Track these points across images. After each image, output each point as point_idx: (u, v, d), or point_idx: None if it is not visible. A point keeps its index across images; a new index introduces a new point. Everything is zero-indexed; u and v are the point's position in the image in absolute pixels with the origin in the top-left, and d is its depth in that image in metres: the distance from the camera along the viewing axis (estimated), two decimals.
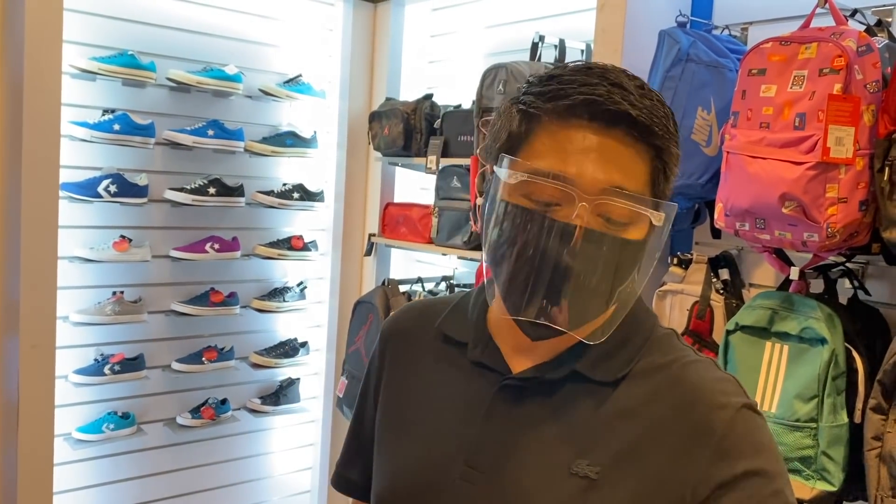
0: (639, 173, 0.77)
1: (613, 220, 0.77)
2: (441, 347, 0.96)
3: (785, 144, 1.43)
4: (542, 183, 0.77)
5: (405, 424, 0.94)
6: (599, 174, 0.76)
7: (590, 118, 0.76)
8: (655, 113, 0.77)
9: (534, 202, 0.78)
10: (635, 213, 0.77)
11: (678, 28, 1.80)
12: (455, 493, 0.84)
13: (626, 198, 0.76)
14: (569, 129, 0.77)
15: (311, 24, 3.07)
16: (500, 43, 2.76)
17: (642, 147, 0.77)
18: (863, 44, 1.41)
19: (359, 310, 2.77)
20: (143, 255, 2.69)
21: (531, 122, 0.80)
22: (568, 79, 0.78)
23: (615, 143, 0.76)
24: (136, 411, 2.79)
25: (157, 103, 2.74)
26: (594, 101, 0.75)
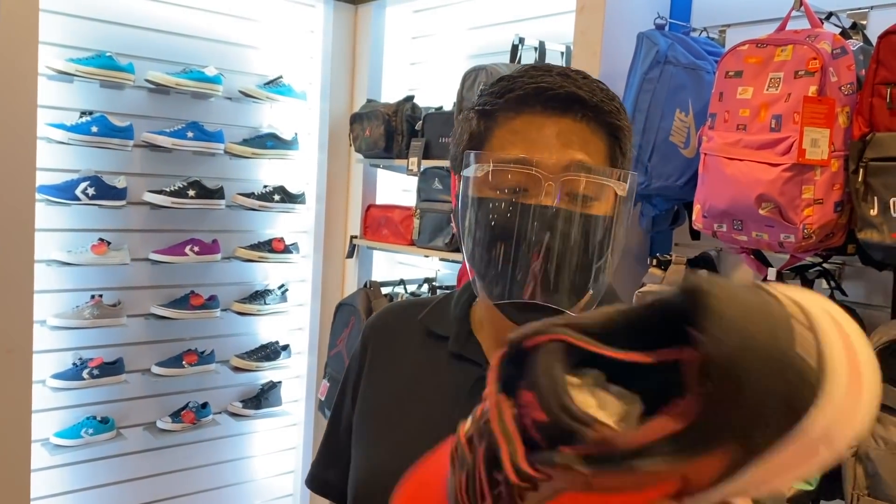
0: (597, 150, 0.82)
1: (581, 197, 0.80)
2: (422, 342, 0.97)
3: (761, 146, 1.44)
4: (508, 170, 0.80)
5: (383, 417, 0.95)
6: (561, 154, 0.80)
7: (542, 107, 0.81)
8: (602, 93, 0.82)
9: (503, 192, 0.81)
10: (601, 187, 0.81)
11: (656, 30, 1.81)
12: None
13: (589, 171, 0.80)
14: (525, 120, 0.82)
15: (291, 26, 3.05)
16: (481, 45, 2.76)
17: (596, 126, 0.82)
18: (837, 46, 1.43)
19: (340, 312, 2.76)
20: (122, 258, 2.67)
21: (488, 119, 0.84)
22: (517, 75, 0.83)
23: (571, 125, 0.81)
24: (116, 416, 2.77)
25: (135, 105, 2.72)
26: (542, 89, 0.80)
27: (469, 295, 0.97)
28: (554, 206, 0.79)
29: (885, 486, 1.34)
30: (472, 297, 0.96)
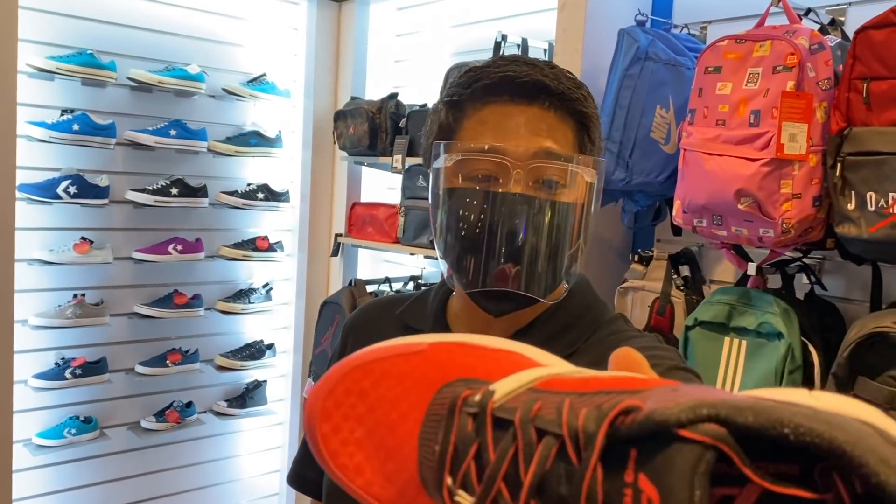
0: (565, 138, 0.82)
1: (550, 184, 0.81)
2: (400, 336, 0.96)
3: (740, 141, 1.45)
4: (477, 159, 0.81)
5: None
6: (529, 142, 0.80)
7: (510, 96, 0.81)
8: (568, 81, 0.83)
9: (472, 181, 0.82)
10: (570, 174, 0.81)
11: (637, 27, 1.81)
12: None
13: (557, 158, 0.80)
14: (492, 109, 0.82)
15: (275, 23, 3.04)
16: (465, 42, 2.76)
17: (564, 114, 0.82)
18: (815, 42, 1.43)
19: (325, 311, 2.75)
20: (105, 256, 2.65)
21: (457, 111, 0.85)
22: (484, 66, 0.84)
23: (538, 113, 0.82)
24: (99, 416, 2.75)
25: (117, 103, 2.70)
26: (509, 77, 0.81)
27: (447, 289, 0.97)
28: (522, 193, 0.79)
29: None
30: (450, 291, 0.96)
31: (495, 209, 0.80)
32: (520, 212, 0.79)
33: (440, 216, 0.85)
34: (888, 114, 1.33)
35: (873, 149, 1.33)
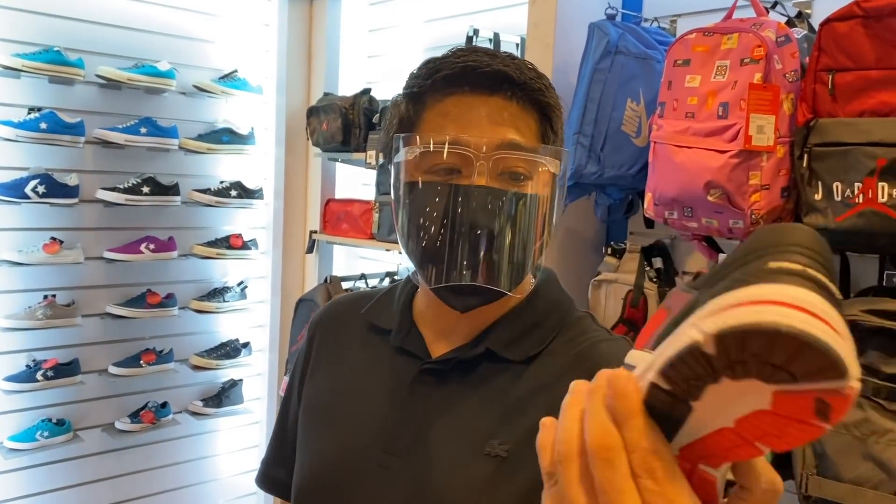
0: (528, 129, 0.82)
1: (514, 176, 0.80)
2: (366, 336, 0.96)
3: (709, 133, 1.46)
4: (439, 151, 0.79)
5: (327, 414, 0.94)
6: (491, 133, 0.79)
7: (471, 87, 0.80)
8: (530, 71, 0.82)
9: (435, 174, 0.80)
10: (533, 165, 0.80)
11: (607, 20, 1.82)
12: (373, 480, 0.84)
13: (521, 149, 0.79)
14: (454, 100, 0.81)
15: (246, 19, 3.02)
16: (438, 37, 2.75)
17: (526, 104, 0.82)
18: (782, 34, 1.45)
19: (301, 308, 2.74)
20: (76, 256, 2.62)
21: (417, 102, 0.84)
22: (443, 57, 0.83)
23: (500, 104, 0.80)
24: (72, 418, 2.72)
25: (86, 101, 2.67)
26: (470, 68, 0.80)
27: (412, 285, 0.96)
28: (487, 185, 0.78)
29: (833, 465, 1.37)
30: (415, 287, 0.96)
31: (459, 202, 0.78)
32: (484, 204, 0.78)
33: (402, 211, 0.83)
34: (853, 105, 1.35)
35: (839, 139, 1.35)
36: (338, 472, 0.88)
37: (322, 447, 0.92)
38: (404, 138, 0.82)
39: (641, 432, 0.37)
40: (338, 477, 0.87)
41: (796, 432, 0.36)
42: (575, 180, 1.78)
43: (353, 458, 0.87)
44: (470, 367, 0.85)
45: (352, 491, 0.86)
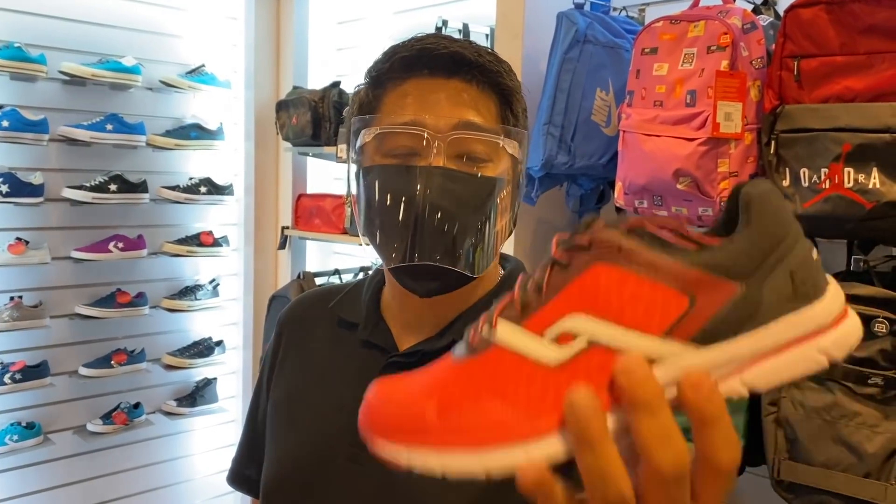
0: (487, 111, 0.81)
1: (472, 157, 0.79)
2: (334, 330, 0.95)
3: (677, 121, 1.46)
4: (397, 133, 0.79)
5: (294, 409, 0.93)
6: (449, 114, 0.79)
7: (429, 70, 0.80)
8: (488, 55, 0.82)
9: (394, 157, 0.80)
10: (492, 147, 0.80)
11: (576, 10, 1.81)
12: (341, 475, 0.84)
13: (477, 129, 0.79)
14: (413, 84, 0.81)
15: (212, 13, 2.97)
16: (407, 28, 2.73)
17: (485, 87, 0.81)
18: (748, 21, 1.45)
19: (274, 305, 2.71)
20: (42, 257, 2.57)
21: (377, 87, 0.83)
22: (403, 42, 0.83)
23: (459, 86, 0.80)
24: (42, 420, 2.67)
25: (49, 98, 2.62)
26: (428, 50, 0.80)
27: (380, 278, 0.95)
28: (441, 165, 0.78)
29: (804, 450, 1.38)
30: (383, 280, 0.95)
31: (415, 184, 0.77)
32: (440, 185, 0.77)
33: (361, 196, 0.83)
34: (819, 91, 1.35)
35: (805, 126, 1.35)
36: (305, 467, 0.87)
37: (289, 442, 0.91)
38: (362, 121, 0.81)
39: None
40: (306, 472, 0.87)
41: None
42: (546, 171, 1.77)
43: (321, 452, 0.86)
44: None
45: (320, 485, 0.85)
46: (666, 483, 0.38)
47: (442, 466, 0.40)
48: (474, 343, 0.43)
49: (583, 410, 0.37)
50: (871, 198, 1.28)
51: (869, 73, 1.28)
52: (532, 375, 0.40)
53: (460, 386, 0.42)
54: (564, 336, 0.40)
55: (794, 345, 0.39)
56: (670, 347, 0.39)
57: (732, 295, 0.39)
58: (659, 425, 0.37)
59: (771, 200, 0.40)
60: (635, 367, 0.38)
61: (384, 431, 0.42)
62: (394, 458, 0.42)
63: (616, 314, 0.39)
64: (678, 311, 0.39)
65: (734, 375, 0.39)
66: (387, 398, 0.43)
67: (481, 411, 0.40)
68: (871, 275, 1.41)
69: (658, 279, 0.39)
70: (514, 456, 0.39)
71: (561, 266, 0.41)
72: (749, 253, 0.39)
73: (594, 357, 0.39)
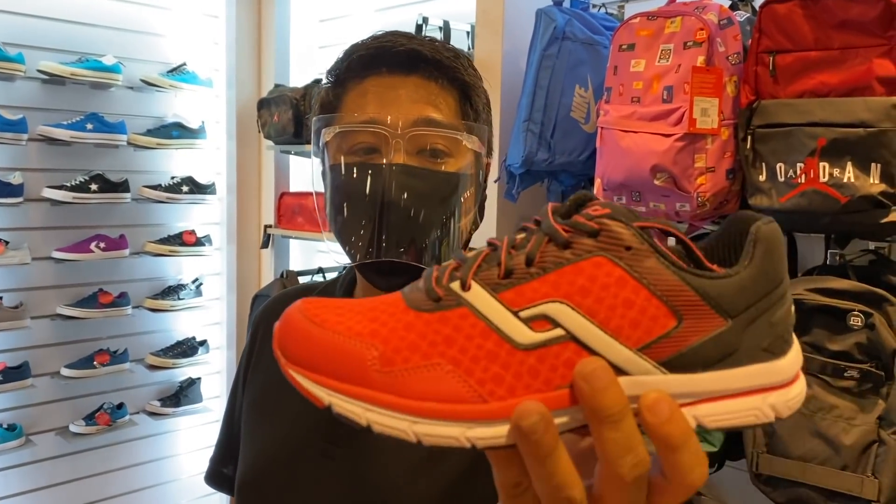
0: (447, 107, 0.82)
1: (433, 153, 0.80)
2: None
3: (654, 118, 1.46)
4: (357, 131, 0.80)
5: (267, 407, 0.93)
6: (408, 111, 0.79)
7: (388, 68, 0.81)
8: (448, 51, 0.83)
9: (355, 155, 0.80)
10: (452, 143, 0.80)
11: (555, 6, 1.81)
12: (314, 470, 0.84)
13: (435, 125, 0.79)
14: (373, 82, 0.82)
15: (193, 11, 2.96)
16: (389, 25, 2.69)
17: (445, 83, 0.82)
18: (724, 17, 1.46)
19: (257, 304, 2.70)
20: (22, 257, 2.55)
21: (337, 87, 0.84)
22: (362, 41, 0.84)
23: (418, 82, 0.81)
24: (24, 422, 2.65)
25: (28, 97, 2.59)
26: (386, 48, 0.81)
27: (352, 276, 0.95)
28: (402, 163, 0.78)
29: (782, 443, 1.39)
30: (355, 278, 0.95)
31: (375, 181, 0.78)
32: (400, 182, 0.77)
33: (328, 192, 0.84)
34: (794, 86, 1.36)
35: (781, 121, 1.36)
36: (278, 463, 0.87)
37: (263, 439, 0.91)
38: (322, 120, 0.82)
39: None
40: (279, 468, 0.87)
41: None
42: (526, 167, 1.77)
43: (294, 448, 0.87)
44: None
45: (293, 481, 0.85)
46: (626, 487, 0.37)
47: (369, 420, 0.38)
48: (439, 293, 0.40)
49: (535, 431, 0.36)
50: (845, 192, 1.29)
51: (843, 67, 1.29)
52: (495, 351, 0.38)
53: (412, 339, 0.38)
54: (541, 321, 0.38)
55: (751, 394, 0.39)
56: (641, 364, 0.38)
57: (717, 329, 0.38)
58: (620, 435, 0.37)
59: (779, 244, 0.40)
60: (599, 377, 0.37)
61: (308, 364, 0.39)
62: (313, 394, 0.39)
63: (603, 316, 0.38)
64: (662, 329, 0.38)
65: (686, 408, 0.38)
66: (314, 333, 0.39)
67: (430, 375, 0.38)
68: (846, 269, 1.42)
69: (655, 293, 0.38)
70: (451, 432, 0.37)
71: (559, 244, 0.39)
72: (747, 293, 0.38)
73: (565, 351, 0.38)
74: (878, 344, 1.30)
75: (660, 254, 0.38)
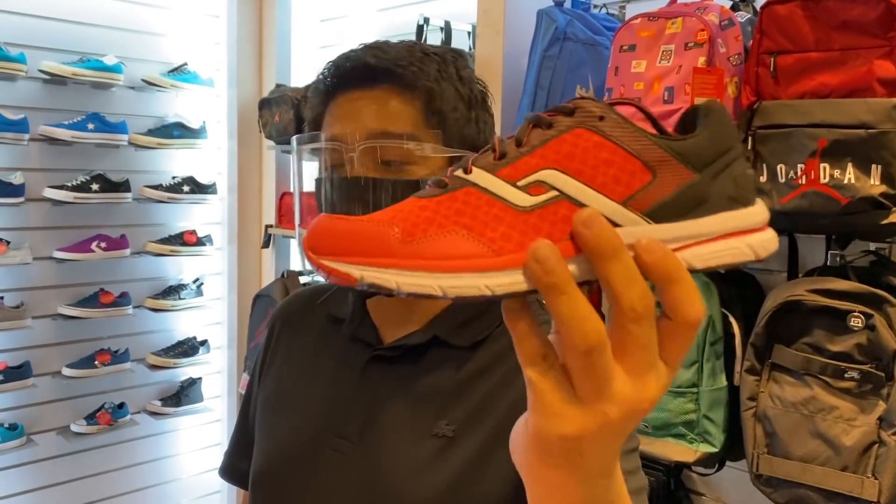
0: (408, 116, 0.84)
1: (392, 164, 0.83)
2: (324, 326, 0.99)
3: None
4: (324, 148, 0.85)
5: (281, 402, 0.96)
6: (363, 125, 0.83)
7: (356, 83, 0.85)
8: (406, 57, 0.84)
9: (326, 171, 0.86)
10: (407, 152, 0.83)
11: (556, 7, 1.82)
12: (326, 465, 0.87)
13: (385, 137, 0.82)
14: (344, 97, 0.86)
15: (194, 11, 2.96)
16: (390, 26, 2.73)
17: (406, 90, 0.84)
18: (725, 18, 1.46)
19: (258, 304, 2.71)
20: (24, 257, 2.55)
21: (317, 104, 0.89)
22: (336, 57, 0.88)
23: (380, 94, 0.84)
24: (25, 422, 2.66)
25: (29, 97, 2.60)
26: (350, 62, 0.85)
27: None
28: (357, 175, 0.82)
29: (782, 444, 1.39)
30: None
31: (339, 192, 0.83)
32: (353, 195, 0.82)
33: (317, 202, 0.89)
34: (794, 87, 1.36)
35: (781, 121, 1.36)
36: (291, 458, 0.90)
37: (276, 434, 0.94)
38: (297, 140, 0.88)
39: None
40: (292, 462, 0.90)
41: None
42: None
43: (307, 443, 0.90)
44: (418, 354, 0.88)
45: (306, 475, 0.88)
46: (637, 321, 0.40)
47: (398, 283, 0.42)
48: (445, 181, 0.45)
49: (549, 259, 0.39)
50: (846, 193, 1.29)
51: (843, 68, 1.29)
52: (501, 215, 0.43)
53: (427, 216, 0.43)
54: (537, 186, 0.43)
55: (729, 237, 0.44)
56: (627, 215, 0.43)
57: (688, 180, 0.43)
58: (623, 267, 0.40)
59: (725, 114, 0.46)
60: (595, 219, 0.40)
61: (335, 251, 0.42)
62: (344, 273, 0.42)
63: (588, 175, 0.43)
64: (640, 183, 0.43)
65: (675, 252, 0.43)
66: (338, 225, 0.43)
67: (447, 240, 0.42)
68: (847, 270, 1.42)
69: (630, 151, 0.43)
70: (472, 282, 0.41)
71: (543, 125, 0.44)
72: (707, 150, 0.44)
73: (561, 209, 0.43)
74: (879, 345, 1.31)
75: (628, 122, 0.44)
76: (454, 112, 0.86)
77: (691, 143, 0.44)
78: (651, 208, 0.43)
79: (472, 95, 0.89)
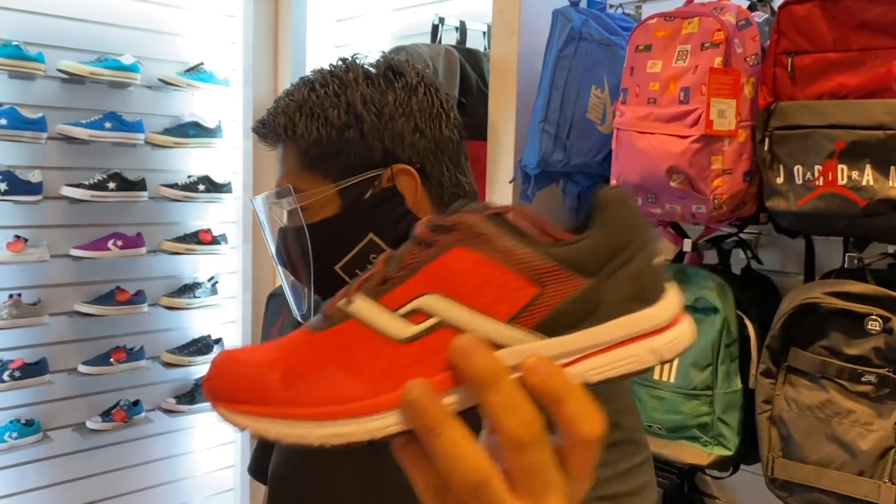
0: (291, 169, 0.89)
1: (294, 213, 0.88)
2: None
3: (671, 119, 1.45)
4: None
5: None
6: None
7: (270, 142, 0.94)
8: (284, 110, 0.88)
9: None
10: (284, 204, 0.89)
11: (571, 7, 1.81)
12: (340, 466, 0.87)
13: (278, 195, 0.89)
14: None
15: (210, 11, 2.98)
16: (405, 26, 2.73)
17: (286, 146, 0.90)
18: (742, 18, 1.45)
19: (272, 303, 2.68)
20: (41, 255, 2.57)
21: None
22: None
23: (281, 151, 0.91)
24: (42, 418, 2.68)
25: (48, 96, 2.62)
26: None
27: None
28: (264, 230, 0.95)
29: (798, 448, 1.38)
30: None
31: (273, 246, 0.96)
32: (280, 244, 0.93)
33: None
34: (812, 87, 1.35)
35: (799, 122, 1.35)
36: (307, 458, 0.91)
37: None
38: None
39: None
40: (307, 463, 0.91)
41: None
42: (542, 168, 1.77)
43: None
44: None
45: (320, 476, 0.88)
46: (523, 449, 0.38)
47: (277, 434, 0.41)
48: (330, 313, 0.44)
49: (419, 400, 0.38)
50: (864, 195, 1.28)
51: (862, 69, 1.28)
52: (379, 350, 0.41)
53: (308, 356, 0.42)
54: (417, 314, 0.41)
55: (630, 342, 0.41)
56: (514, 333, 0.41)
57: (578, 289, 0.41)
58: (502, 397, 0.38)
59: (624, 205, 0.43)
60: (470, 347, 0.39)
61: (225, 397, 0.42)
62: (234, 422, 0.42)
63: (468, 297, 0.41)
64: (526, 298, 0.41)
65: (568, 367, 0.41)
66: (231, 365, 0.43)
67: (324, 383, 0.41)
68: (865, 272, 1.40)
69: (511, 267, 0.41)
70: (350, 430, 0.40)
71: (424, 245, 0.43)
72: (598, 252, 0.41)
73: (441, 337, 0.41)
74: None
75: (512, 233, 0.42)
76: (326, 159, 0.87)
77: (580, 246, 0.41)
78: (542, 322, 0.41)
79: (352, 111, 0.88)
